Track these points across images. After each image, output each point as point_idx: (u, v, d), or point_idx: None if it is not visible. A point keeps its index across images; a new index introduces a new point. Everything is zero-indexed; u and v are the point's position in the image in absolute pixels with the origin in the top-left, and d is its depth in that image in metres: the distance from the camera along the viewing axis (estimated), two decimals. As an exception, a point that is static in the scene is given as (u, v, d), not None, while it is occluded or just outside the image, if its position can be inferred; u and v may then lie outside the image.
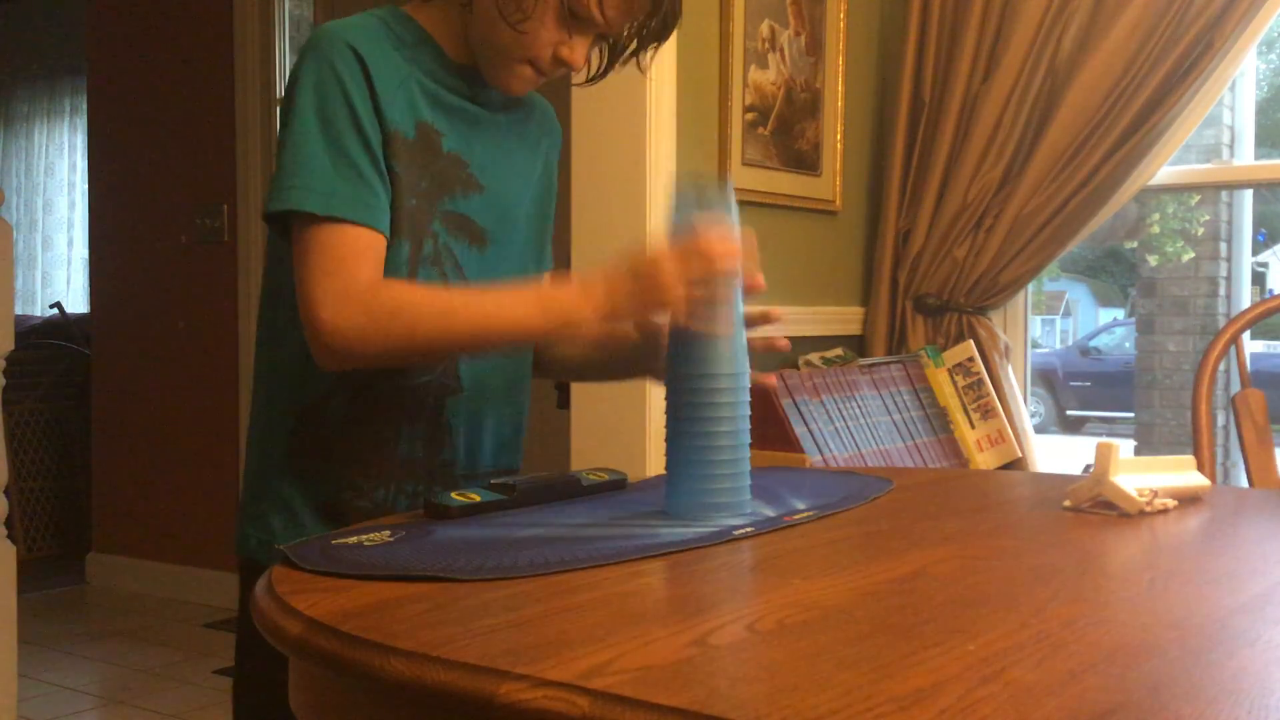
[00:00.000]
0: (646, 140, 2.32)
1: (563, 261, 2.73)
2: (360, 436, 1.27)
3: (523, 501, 1.20)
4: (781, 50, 2.65)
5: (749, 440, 1.16)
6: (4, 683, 2.32)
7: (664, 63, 2.34)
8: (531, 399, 1.46)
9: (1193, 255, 5.08)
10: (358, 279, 1.16)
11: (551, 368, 1.47)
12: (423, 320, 1.17)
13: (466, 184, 1.28)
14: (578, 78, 1.37)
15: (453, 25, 1.27)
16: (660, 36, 1.28)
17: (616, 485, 1.29)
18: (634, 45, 1.29)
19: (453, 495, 1.19)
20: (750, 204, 2.60)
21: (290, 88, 1.22)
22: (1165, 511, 1.23)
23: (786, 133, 2.68)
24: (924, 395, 2.67)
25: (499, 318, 1.18)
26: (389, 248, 1.21)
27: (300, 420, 1.28)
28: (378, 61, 1.21)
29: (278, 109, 1.28)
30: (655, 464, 2.23)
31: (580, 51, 1.26)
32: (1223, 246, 4.76)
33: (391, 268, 1.22)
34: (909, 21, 2.85)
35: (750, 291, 1.19)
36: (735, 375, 1.14)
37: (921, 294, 2.84)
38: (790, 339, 2.69)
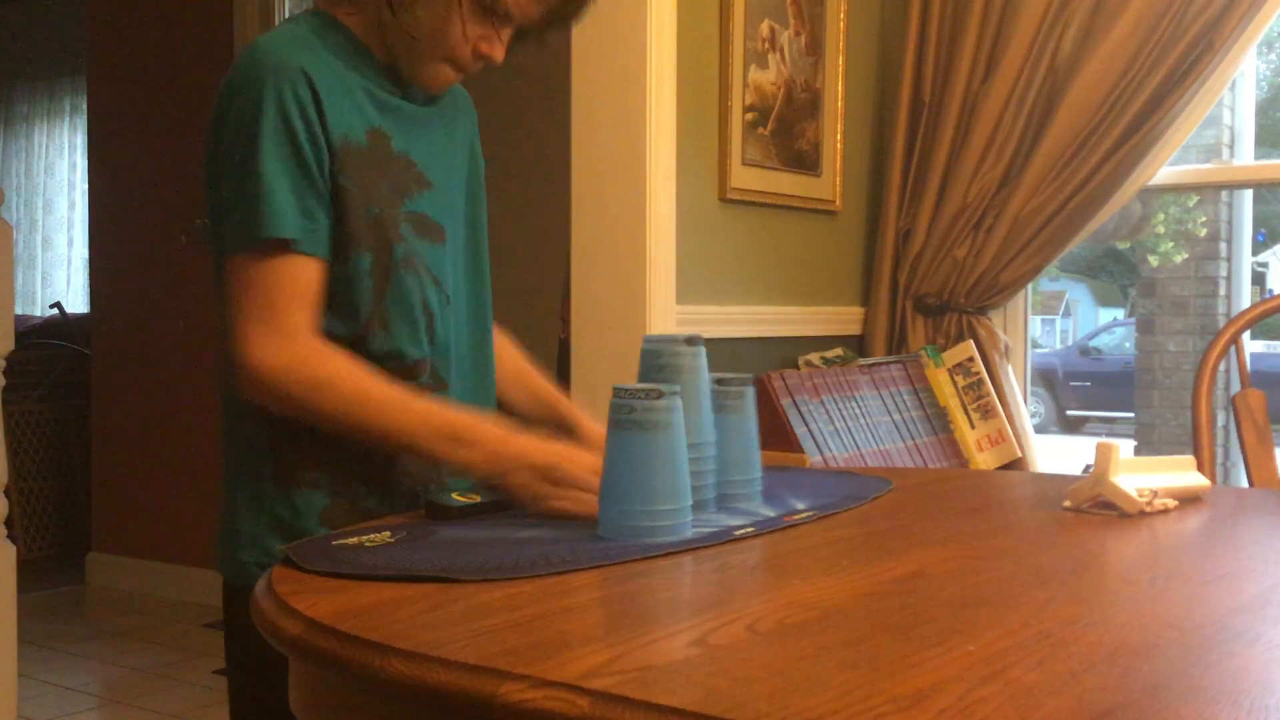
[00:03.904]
0: (646, 140, 2.32)
1: (561, 259, 2.73)
2: (351, 449, 1.25)
3: (523, 501, 1.20)
4: (781, 50, 2.65)
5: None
6: (4, 683, 2.32)
7: (664, 62, 2.34)
8: None
9: (1186, 256, 5.07)
10: (296, 332, 1.18)
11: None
12: (339, 406, 1.19)
13: (419, 182, 1.29)
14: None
15: (374, 29, 1.28)
16: (575, 17, 1.29)
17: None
18: (545, 26, 1.30)
19: (454, 495, 1.20)
20: (750, 204, 2.60)
21: (246, 113, 1.18)
22: (1165, 511, 1.23)
23: (786, 133, 2.68)
24: (924, 395, 2.67)
25: (404, 434, 1.20)
26: (346, 262, 1.22)
27: (280, 443, 1.26)
28: (324, 76, 1.22)
29: (217, 129, 1.27)
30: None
31: (500, 46, 1.27)
32: (1223, 246, 4.75)
33: (353, 280, 1.23)
34: (909, 21, 2.85)
35: None
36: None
37: (921, 294, 2.84)
38: (790, 339, 2.71)
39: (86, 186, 5.01)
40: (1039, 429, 3.70)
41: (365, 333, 1.24)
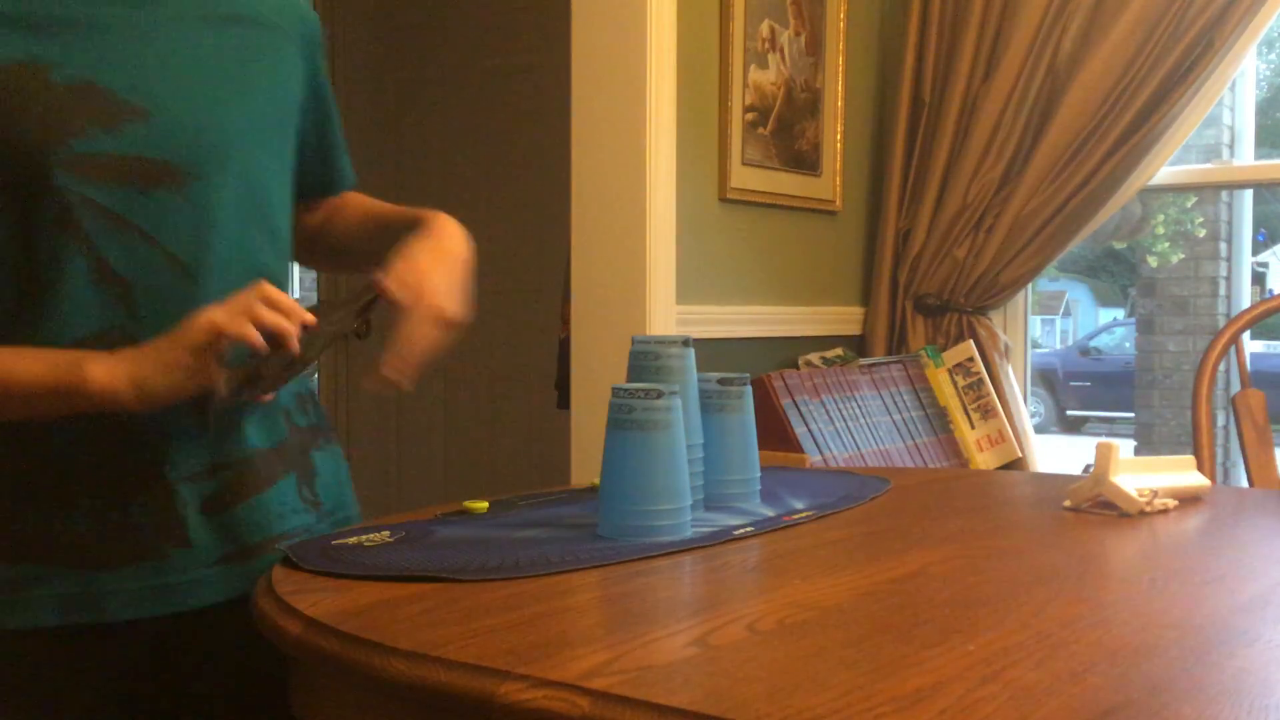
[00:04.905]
0: (646, 140, 2.32)
1: (561, 259, 2.73)
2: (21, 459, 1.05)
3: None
4: (781, 50, 2.65)
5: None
6: (4, 683, 2.32)
7: (664, 62, 2.34)
8: (531, 400, 1.42)
9: (1184, 256, 5.08)
10: None
11: (328, 256, 1.32)
12: None
13: (111, 114, 1.02)
14: None
15: None
16: None
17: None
18: None
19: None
20: (750, 204, 2.60)
21: None
22: (1165, 511, 1.23)
23: (786, 133, 2.68)
24: (924, 395, 2.67)
25: (16, 384, 0.98)
26: None
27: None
28: None
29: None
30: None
31: None
32: (1223, 246, 4.76)
33: None
34: (909, 21, 2.85)
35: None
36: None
37: (921, 294, 2.84)
38: (790, 339, 2.71)
39: (86, 186, 5.00)
40: (1039, 429, 3.70)
41: (15, 314, 1.03)
